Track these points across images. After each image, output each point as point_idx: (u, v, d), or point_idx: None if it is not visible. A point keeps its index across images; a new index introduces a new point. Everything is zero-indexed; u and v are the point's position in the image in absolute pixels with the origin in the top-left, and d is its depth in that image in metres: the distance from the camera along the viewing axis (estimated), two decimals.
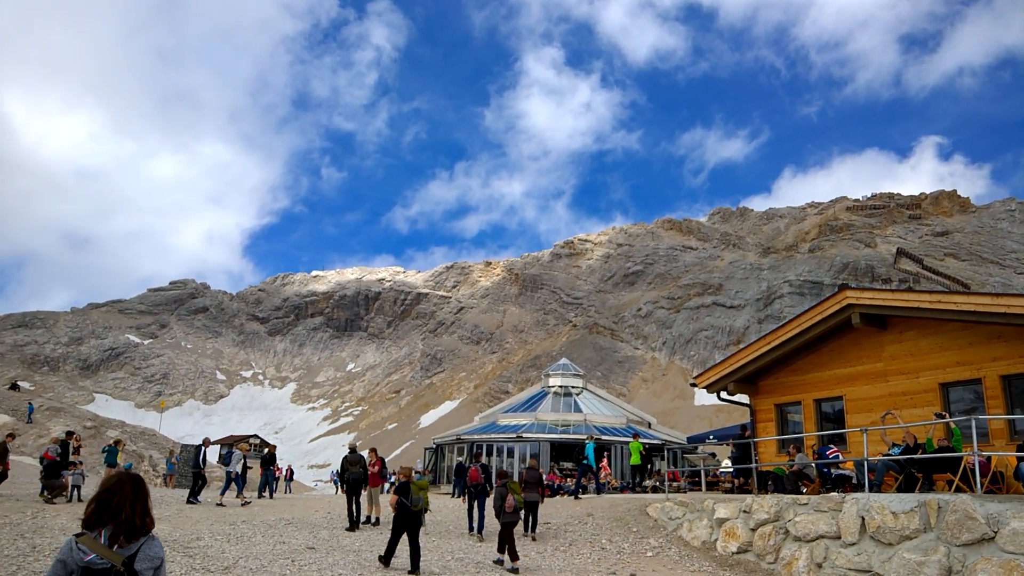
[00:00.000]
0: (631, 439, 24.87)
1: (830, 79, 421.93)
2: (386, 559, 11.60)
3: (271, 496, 23.05)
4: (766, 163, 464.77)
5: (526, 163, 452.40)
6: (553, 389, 41.65)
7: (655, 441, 36.43)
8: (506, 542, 12.27)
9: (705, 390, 18.55)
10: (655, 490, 25.33)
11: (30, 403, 44.62)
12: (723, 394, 18.54)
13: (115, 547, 3.56)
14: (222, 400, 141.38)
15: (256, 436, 78.62)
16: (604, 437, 35.32)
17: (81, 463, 19.29)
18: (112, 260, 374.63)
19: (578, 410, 38.79)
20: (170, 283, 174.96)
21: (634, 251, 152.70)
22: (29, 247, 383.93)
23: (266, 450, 23.26)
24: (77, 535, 3.56)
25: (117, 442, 22.83)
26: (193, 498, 19.61)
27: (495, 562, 12.48)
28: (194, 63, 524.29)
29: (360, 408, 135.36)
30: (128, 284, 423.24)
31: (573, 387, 41.59)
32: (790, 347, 16.74)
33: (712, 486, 22.11)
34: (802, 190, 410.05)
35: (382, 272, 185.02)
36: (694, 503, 14.70)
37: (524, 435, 35.76)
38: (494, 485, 14.71)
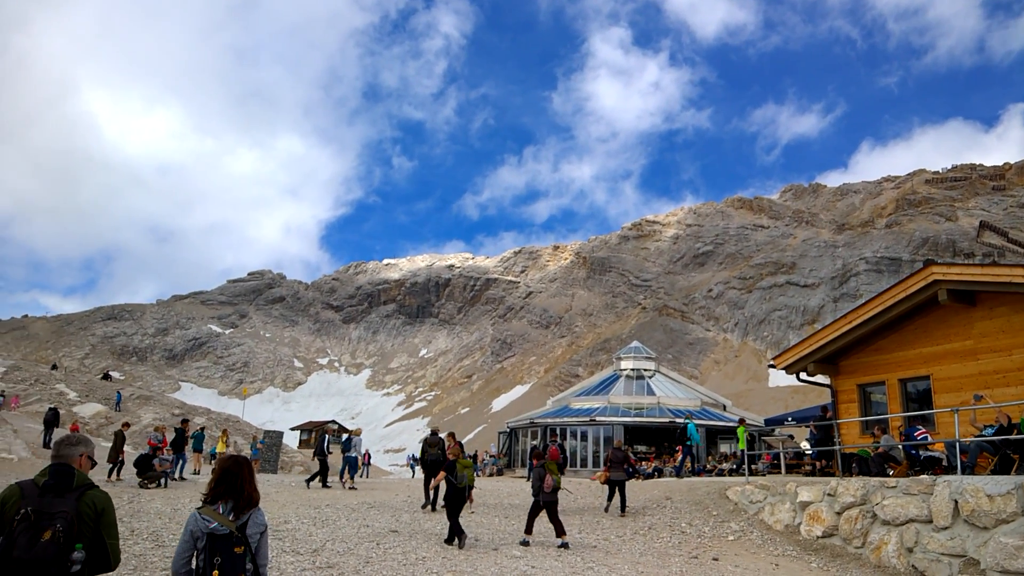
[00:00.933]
0: (737, 424, 24.49)
1: (909, 48, 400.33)
2: (450, 538, 12.02)
3: (352, 481, 23.75)
4: (842, 137, 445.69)
5: (594, 145, 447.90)
6: (625, 372, 41.41)
7: (732, 424, 35.81)
8: (536, 518, 12.75)
9: (784, 371, 18.11)
10: (732, 473, 24.97)
11: (118, 392, 47.43)
12: (802, 375, 18.06)
13: (231, 517, 4.13)
14: (300, 387, 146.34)
15: (334, 422, 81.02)
16: (678, 420, 34.97)
17: (170, 450, 20.35)
18: (194, 253, 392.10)
19: (651, 393, 38.47)
20: (248, 274, 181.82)
21: (704, 231, 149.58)
22: (116, 241, 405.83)
23: (347, 435, 23.99)
24: (199, 508, 4.14)
25: (202, 428, 24.11)
26: (323, 482, 20.61)
27: (521, 543, 12.41)
28: (268, 60, 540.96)
29: (433, 393, 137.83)
30: (209, 276, 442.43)
31: (646, 370, 41.24)
32: (873, 326, 16.15)
33: (792, 469, 21.64)
34: (881, 163, 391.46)
35: (452, 258, 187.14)
36: (775, 486, 14.43)
37: (597, 419, 35.75)
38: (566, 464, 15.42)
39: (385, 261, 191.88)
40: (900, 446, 14.06)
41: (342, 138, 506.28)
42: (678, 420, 34.86)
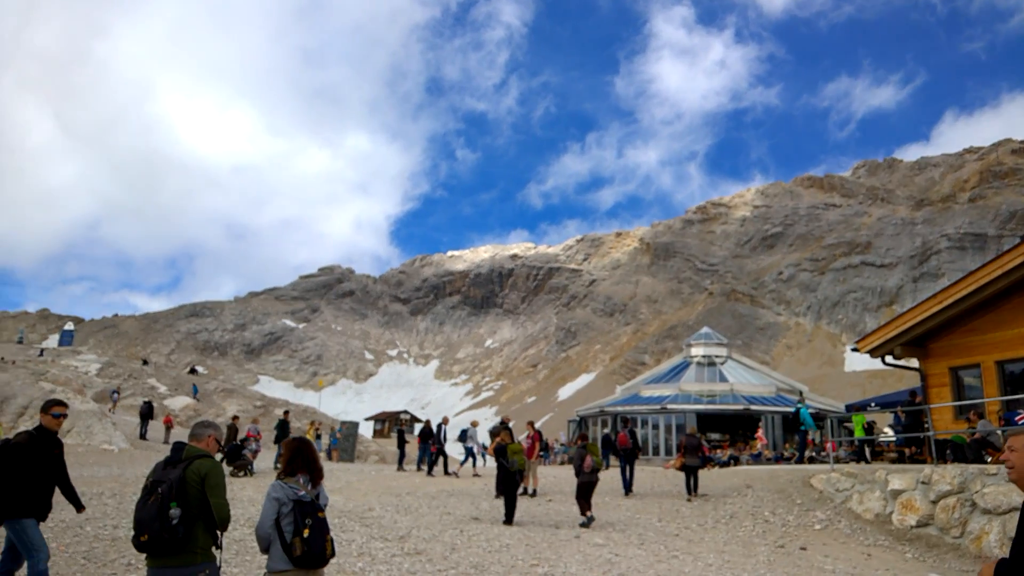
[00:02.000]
0: (854, 413, 23.82)
1: (994, 11, 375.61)
2: (508, 518, 12.96)
3: (429, 470, 24.21)
4: (923, 108, 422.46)
5: (659, 128, 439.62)
6: (696, 359, 40.74)
7: (811, 410, 34.87)
8: (582, 499, 13.24)
9: (868, 355, 17.46)
10: (811, 461, 24.30)
11: (194, 385, 49.91)
12: (888, 359, 17.38)
13: (309, 487, 4.73)
14: (371, 378, 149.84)
15: (406, 412, 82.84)
16: (753, 407, 34.23)
17: (259, 435, 21.22)
18: (268, 249, 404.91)
19: (723, 380, 37.76)
20: (319, 269, 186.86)
21: (772, 212, 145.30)
22: (196, 239, 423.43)
23: (423, 424, 24.44)
24: (281, 479, 4.70)
25: (287, 413, 25.12)
26: (446, 470, 21.65)
27: (580, 525, 12.99)
28: (334, 60, 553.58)
29: (500, 383, 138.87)
30: (283, 271, 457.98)
31: (717, 356, 40.48)
32: (966, 305, 15.39)
33: (876, 456, 20.91)
34: (966, 134, 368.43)
35: (514, 248, 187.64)
36: (863, 474, 13.97)
37: (668, 406, 35.33)
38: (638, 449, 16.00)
39: (449, 253, 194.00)
40: (999, 431, 13.39)
41: (407, 133, 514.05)
42: (753, 407, 34.15)
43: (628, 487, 17.43)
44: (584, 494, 13.26)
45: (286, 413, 23.44)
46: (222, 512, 4.45)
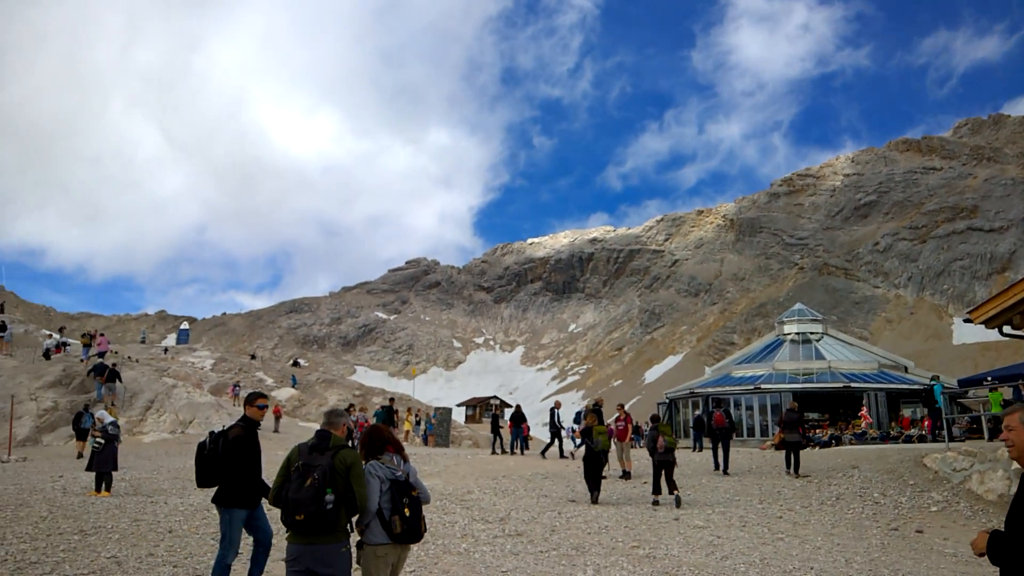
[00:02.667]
0: (992, 390, 22.51)
1: None
2: (594, 496, 13.33)
3: (522, 452, 24.53)
4: None
5: (740, 100, 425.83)
6: (789, 336, 39.46)
7: (915, 387, 33.24)
8: (661, 479, 13.50)
9: (983, 326, 16.38)
10: (921, 439, 23.20)
11: (293, 376, 52.32)
12: (1006, 329, 16.25)
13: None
14: (460, 366, 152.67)
15: (496, 397, 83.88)
16: (854, 384, 32.89)
17: (369, 421, 22.08)
18: (359, 245, 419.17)
19: (820, 357, 36.44)
20: (406, 263, 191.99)
21: (864, 180, 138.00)
22: (292, 238, 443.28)
23: (513, 409, 24.77)
24: (377, 458, 5.05)
25: (391, 400, 26.04)
26: (561, 453, 22.10)
27: (652, 503, 13.22)
28: (412, 59, 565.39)
29: (585, 367, 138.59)
30: (374, 265, 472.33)
31: (812, 333, 39.07)
32: None
33: (995, 434, 19.69)
34: None
35: (593, 232, 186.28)
36: (984, 452, 13.21)
37: (762, 386, 34.40)
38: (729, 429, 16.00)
39: (530, 240, 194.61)
40: None
41: (486, 125, 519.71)
42: (854, 385, 32.79)
43: (725, 467, 17.31)
44: (660, 473, 13.47)
45: (391, 400, 24.34)
46: (363, 501, 4.82)
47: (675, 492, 13.17)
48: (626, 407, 18.69)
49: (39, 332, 43.33)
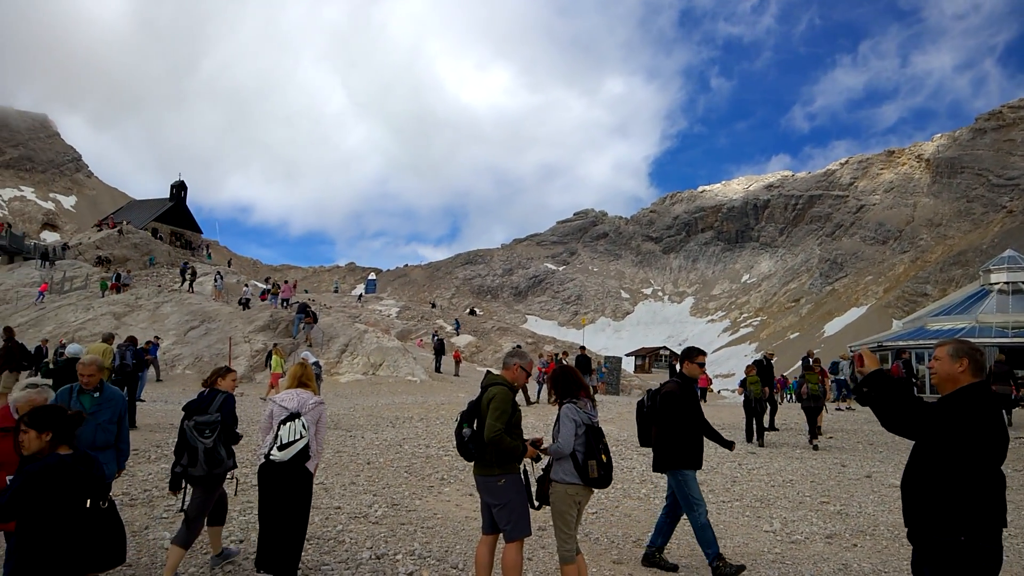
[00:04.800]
0: None
1: None
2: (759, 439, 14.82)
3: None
4: None
5: (950, 25, 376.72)
6: (997, 286, 35.52)
7: None
8: (810, 424, 14.75)
9: None
10: None
11: (456, 320, 55.64)
12: None
13: None
14: (628, 316, 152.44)
15: (665, 347, 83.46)
16: None
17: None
18: (531, 196, 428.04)
19: None
20: (574, 214, 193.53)
21: None
22: (466, 189, 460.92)
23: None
24: (574, 402, 5.08)
25: (583, 348, 27.22)
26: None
27: (813, 448, 14.38)
28: (586, 8, 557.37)
29: (759, 319, 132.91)
30: (544, 216, 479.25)
31: None
32: None
33: None
34: None
35: (769, 178, 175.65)
36: None
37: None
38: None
39: (701, 188, 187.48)
40: None
41: (662, 71, 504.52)
42: None
43: None
44: (810, 419, 14.74)
45: (582, 348, 25.41)
46: (489, 431, 4.79)
47: (816, 439, 14.54)
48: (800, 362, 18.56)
49: (250, 283, 49.30)
